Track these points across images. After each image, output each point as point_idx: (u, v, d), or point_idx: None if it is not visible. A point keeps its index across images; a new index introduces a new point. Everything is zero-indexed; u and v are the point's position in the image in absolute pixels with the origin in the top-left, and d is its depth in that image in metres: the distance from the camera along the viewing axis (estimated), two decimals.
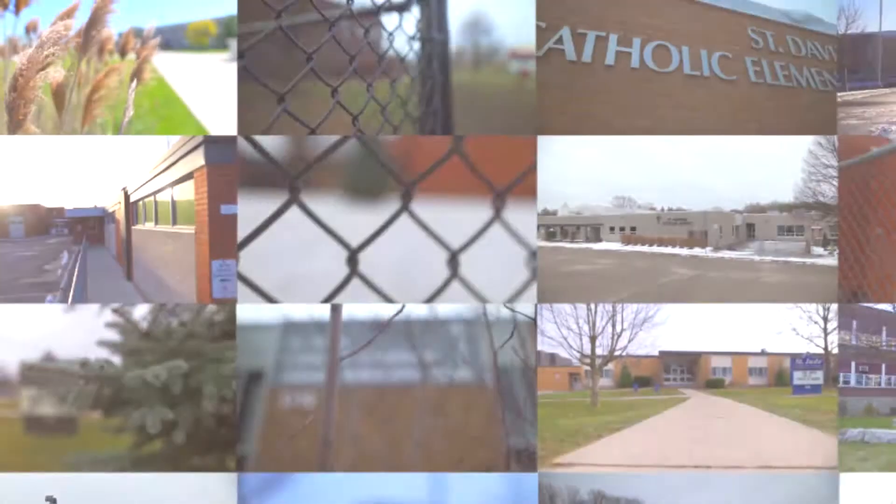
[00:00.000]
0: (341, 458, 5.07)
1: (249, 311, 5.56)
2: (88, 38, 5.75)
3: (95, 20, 5.74)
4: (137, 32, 6.32)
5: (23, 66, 5.05)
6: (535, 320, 5.44)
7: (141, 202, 9.02)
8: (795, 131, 6.73)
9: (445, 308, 5.80)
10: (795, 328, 5.95)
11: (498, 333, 4.84)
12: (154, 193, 8.32)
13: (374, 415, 5.08)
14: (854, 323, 6.20)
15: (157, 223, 8.38)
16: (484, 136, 8.42)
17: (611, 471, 5.60)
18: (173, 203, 7.72)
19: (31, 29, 5.94)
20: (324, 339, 5.68)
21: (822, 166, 6.26)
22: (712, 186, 7.37)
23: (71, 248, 8.17)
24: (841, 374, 6.32)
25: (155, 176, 8.03)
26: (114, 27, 5.99)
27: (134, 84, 5.94)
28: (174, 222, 7.71)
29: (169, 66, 6.75)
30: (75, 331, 5.72)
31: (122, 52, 6.34)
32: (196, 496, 5.09)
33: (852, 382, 6.28)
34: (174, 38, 6.64)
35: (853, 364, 6.34)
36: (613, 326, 6.58)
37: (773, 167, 6.70)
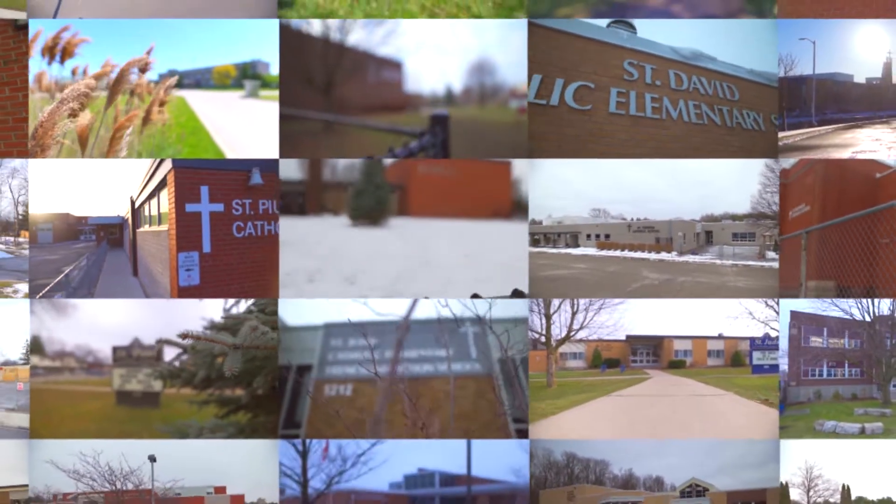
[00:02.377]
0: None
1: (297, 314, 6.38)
2: (114, 93, 6.66)
3: (120, 79, 6.64)
4: (172, 76, 7.17)
5: (43, 118, 5.96)
6: (527, 318, 6.29)
7: (141, 208, 9.71)
8: (651, 157, 7.06)
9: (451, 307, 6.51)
10: (752, 312, 6.67)
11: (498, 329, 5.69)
12: (148, 199, 9.06)
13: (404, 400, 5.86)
14: (825, 330, 7.27)
15: (150, 225, 9.09)
16: (472, 162, 9.23)
17: (580, 437, 6.38)
18: (159, 206, 8.42)
19: (76, 73, 6.77)
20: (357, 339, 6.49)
21: (777, 179, 6.90)
22: (673, 200, 7.87)
23: (93, 251, 8.75)
24: (816, 369, 7.44)
25: (146, 184, 8.79)
26: (154, 71, 6.88)
27: (129, 130, 6.66)
28: (160, 223, 8.41)
29: (196, 101, 7.68)
30: (155, 319, 6.50)
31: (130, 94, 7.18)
32: (264, 460, 5.93)
33: (824, 375, 7.48)
34: (202, 79, 7.50)
35: (825, 361, 7.40)
36: (572, 307, 6.99)
37: (723, 184, 7.20)
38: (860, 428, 6.55)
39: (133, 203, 10.18)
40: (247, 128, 7.26)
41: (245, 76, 7.64)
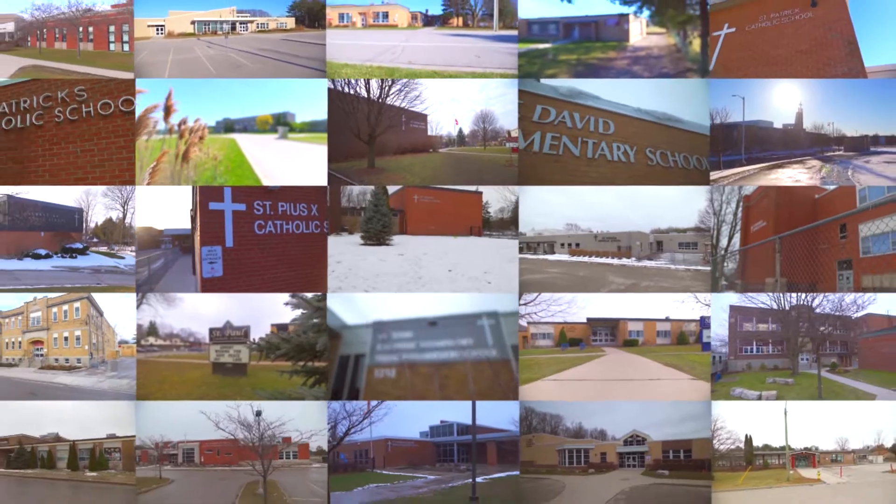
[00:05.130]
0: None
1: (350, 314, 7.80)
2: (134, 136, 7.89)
3: (140, 125, 7.87)
4: (227, 124, 8.64)
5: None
6: (517, 312, 7.66)
7: (195, 217, 10.70)
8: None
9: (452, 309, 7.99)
10: (696, 296, 7.82)
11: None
12: (196, 207, 9.95)
13: (434, 379, 7.46)
14: (754, 318, 8.81)
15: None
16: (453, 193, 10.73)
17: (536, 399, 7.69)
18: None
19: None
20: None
21: (720, 199, 8.40)
22: (628, 216, 8.88)
23: (167, 255, 10.19)
24: (747, 347, 9.00)
25: (193, 198, 9.88)
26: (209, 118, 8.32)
27: (150, 167, 8.05)
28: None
29: (243, 142, 9.22)
30: (245, 309, 8.05)
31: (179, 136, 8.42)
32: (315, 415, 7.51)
33: (754, 351, 9.04)
34: (249, 125, 9.10)
35: (754, 341, 9.04)
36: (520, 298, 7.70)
37: (667, 205, 8.34)
38: (758, 395, 8.10)
39: (191, 213, 11.81)
40: (278, 162, 8.58)
41: (278, 123, 9.14)
